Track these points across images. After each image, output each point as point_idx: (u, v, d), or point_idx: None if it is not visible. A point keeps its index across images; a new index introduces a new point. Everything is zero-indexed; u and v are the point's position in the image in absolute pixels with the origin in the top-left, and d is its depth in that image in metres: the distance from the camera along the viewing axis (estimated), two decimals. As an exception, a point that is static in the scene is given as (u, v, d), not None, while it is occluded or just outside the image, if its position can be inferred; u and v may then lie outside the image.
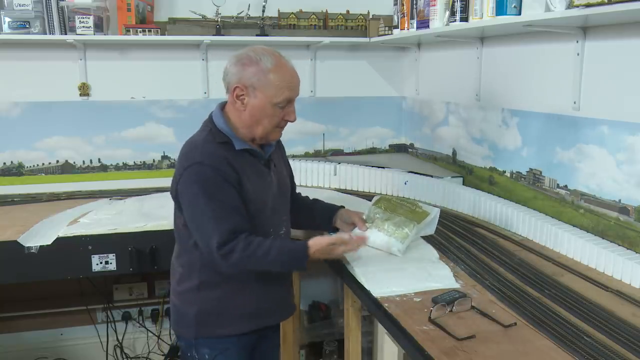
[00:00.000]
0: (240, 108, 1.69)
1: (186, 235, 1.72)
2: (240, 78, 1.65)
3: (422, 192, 2.60)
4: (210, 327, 1.73)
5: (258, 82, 1.64)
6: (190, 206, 1.65)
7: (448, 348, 1.28)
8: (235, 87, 1.66)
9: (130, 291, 3.04)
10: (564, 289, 1.62)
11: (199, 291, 1.73)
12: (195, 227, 1.66)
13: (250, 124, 1.70)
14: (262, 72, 1.64)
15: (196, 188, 1.62)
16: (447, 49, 2.90)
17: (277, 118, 1.70)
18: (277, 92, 1.65)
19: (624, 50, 1.79)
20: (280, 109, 1.68)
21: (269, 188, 1.77)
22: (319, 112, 3.29)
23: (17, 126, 2.88)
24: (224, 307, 1.73)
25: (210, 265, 1.69)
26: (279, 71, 1.65)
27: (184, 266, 1.76)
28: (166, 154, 3.11)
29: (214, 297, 1.73)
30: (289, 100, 1.69)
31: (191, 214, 1.65)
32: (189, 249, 1.73)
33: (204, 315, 1.73)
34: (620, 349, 1.28)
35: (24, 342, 3.00)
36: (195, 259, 1.72)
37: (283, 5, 3.05)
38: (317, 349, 3.00)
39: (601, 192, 1.91)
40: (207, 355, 1.75)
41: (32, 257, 2.14)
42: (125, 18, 2.76)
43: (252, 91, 1.65)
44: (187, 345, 1.79)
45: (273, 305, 1.82)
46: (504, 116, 2.42)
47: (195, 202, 1.63)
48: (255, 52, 1.66)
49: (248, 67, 1.65)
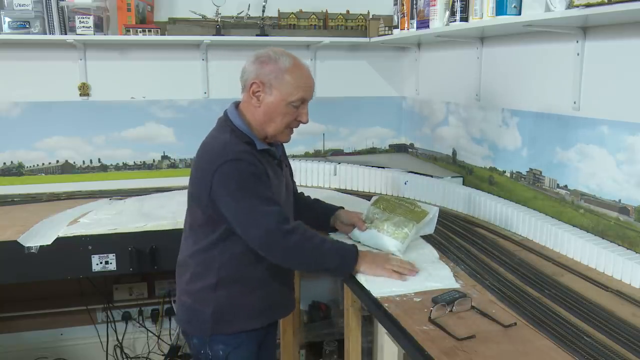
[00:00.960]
0: (256, 104, 1.72)
1: (204, 233, 1.73)
2: (258, 75, 1.69)
3: (422, 192, 2.60)
4: (225, 324, 1.75)
5: (275, 79, 1.68)
6: (233, 200, 1.64)
7: (448, 348, 1.28)
8: (253, 83, 1.70)
9: (130, 291, 3.04)
10: (564, 289, 1.62)
11: (215, 289, 1.73)
12: (247, 216, 1.64)
13: (263, 121, 1.73)
14: (280, 71, 1.68)
15: (239, 180, 1.63)
16: (447, 49, 2.90)
17: (290, 117, 1.73)
18: (293, 91, 1.69)
19: (624, 50, 1.79)
20: (293, 109, 1.72)
21: (282, 188, 1.80)
22: (319, 112, 3.28)
23: (17, 126, 2.88)
24: (239, 304, 1.75)
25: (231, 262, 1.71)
26: (295, 71, 1.69)
27: (200, 265, 1.76)
28: (166, 154, 3.12)
29: (229, 294, 1.74)
30: (303, 100, 1.73)
31: (237, 207, 1.64)
32: (207, 247, 1.73)
33: (220, 313, 1.74)
34: (620, 349, 1.28)
35: (24, 342, 3.00)
36: (214, 257, 1.72)
37: (283, 5, 3.05)
38: (317, 349, 3.00)
39: (601, 192, 1.91)
40: (222, 351, 1.76)
41: (32, 257, 2.14)
42: (125, 18, 2.76)
43: (268, 88, 1.69)
44: (201, 342, 1.79)
45: (279, 301, 1.85)
46: (504, 116, 2.42)
47: (240, 195, 1.63)
48: (275, 51, 1.71)
49: (266, 65, 1.69)
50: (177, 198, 2.68)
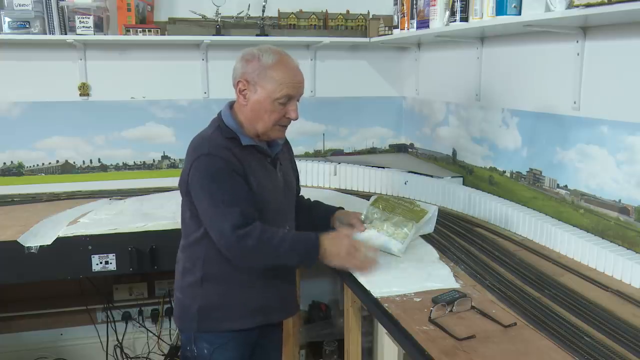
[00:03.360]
0: (243, 102, 1.73)
1: (192, 228, 1.74)
2: (243, 73, 1.71)
3: (422, 192, 2.60)
4: (212, 321, 1.74)
5: (258, 77, 1.69)
6: (201, 195, 1.66)
7: (448, 348, 1.28)
8: (239, 82, 1.72)
9: (130, 291, 3.04)
10: (564, 289, 1.62)
11: (201, 285, 1.74)
12: (208, 216, 1.66)
13: (251, 118, 1.73)
14: (263, 68, 1.68)
15: (206, 177, 1.64)
16: (447, 49, 2.90)
17: (278, 114, 1.72)
18: (277, 87, 1.68)
19: (624, 50, 1.79)
20: (280, 105, 1.71)
21: (274, 186, 1.79)
22: (319, 112, 3.29)
23: (17, 126, 2.88)
24: (227, 302, 1.74)
25: (216, 258, 1.70)
26: (279, 68, 1.69)
27: (188, 260, 1.77)
28: (166, 154, 3.11)
29: (217, 291, 1.73)
30: (289, 97, 1.71)
31: (202, 203, 1.66)
32: (194, 242, 1.74)
33: (207, 310, 1.74)
34: (620, 349, 1.28)
35: (24, 342, 2.99)
36: (200, 252, 1.73)
37: (283, 5, 3.05)
38: (317, 349, 3.00)
39: (601, 192, 1.91)
40: (206, 349, 1.76)
41: (32, 257, 2.14)
42: (125, 18, 2.76)
43: (253, 86, 1.70)
44: (187, 339, 1.80)
45: (276, 303, 1.82)
46: (504, 116, 2.42)
47: (206, 190, 1.64)
48: (260, 49, 1.71)
49: (250, 63, 1.70)
50: (177, 198, 2.63)
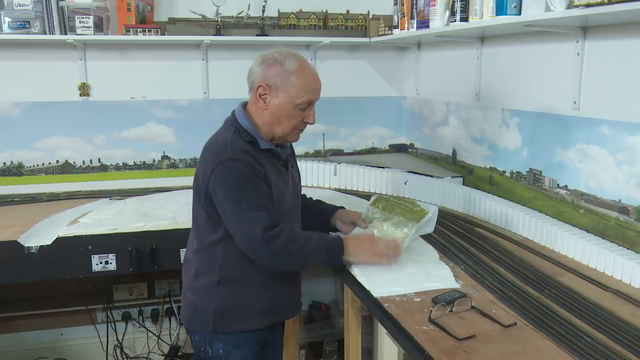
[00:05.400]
0: (262, 107, 1.72)
1: (208, 231, 1.73)
2: (264, 77, 1.69)
3: (422, 192, 2.60)
4: (227, 322, 1.75)
5: (281, 82, 1.68)
6: (226, 200, 1.65)
7: (448, 348, 1.28)
8: (259, 86, 1.70)
9: (130, 291, 3.04)
10: (564, 289, 1.62)
11: (218, 287, 1.74)
12: (234, 219, 1.65)
13: (270, 122, 1.73)
14: (286, 74, 1.68)
15: (232, 182, 1.64)
16: (447, 49, 2.89)
17: (297, 119, 1.74)
18: (299, 93, 1.69)
19: (624, 50, 1.79)
20: (300, 111, 1.73)
21: (287, 188, 1.80)
22: (318, 112, 3.23)
23: (17, 126, 2.88)
24: (242, 303, 1.75)
25: (234, 261, 1.71)
26: (301, 74, 1.69)
27: (203, 262, 1.77)
28: (166, 154, 3.11)
29: (233, 293, 1.74)
30: (310, 102, 1.74)
31: (227, 207, 1.65)
32: (210, 244, 1.74)
33: (223, 311, 1.74)
34: (620, 349, 1.28)
35: (24, 342, 2.99)
36: (217, 255, 1.73)
37: (283, 5, 3.05)
38: (317, 349, 3.00)
39: (601, 192, 1.91)
40: (222, 350, 1.77)
41: (32, 257, 2.14)
42: (125, 18, 2.76)
43: (274, 91, 1.69)
44: (202, 340, 1.80)
45: (286, 303, 1.85)
46: (504, 116, 2.42)
47: (232, 195, 1.64)
48: (281, 53, 1.70)
49: (272, 68, 1.69)
50: (177, 198, 2.68)
